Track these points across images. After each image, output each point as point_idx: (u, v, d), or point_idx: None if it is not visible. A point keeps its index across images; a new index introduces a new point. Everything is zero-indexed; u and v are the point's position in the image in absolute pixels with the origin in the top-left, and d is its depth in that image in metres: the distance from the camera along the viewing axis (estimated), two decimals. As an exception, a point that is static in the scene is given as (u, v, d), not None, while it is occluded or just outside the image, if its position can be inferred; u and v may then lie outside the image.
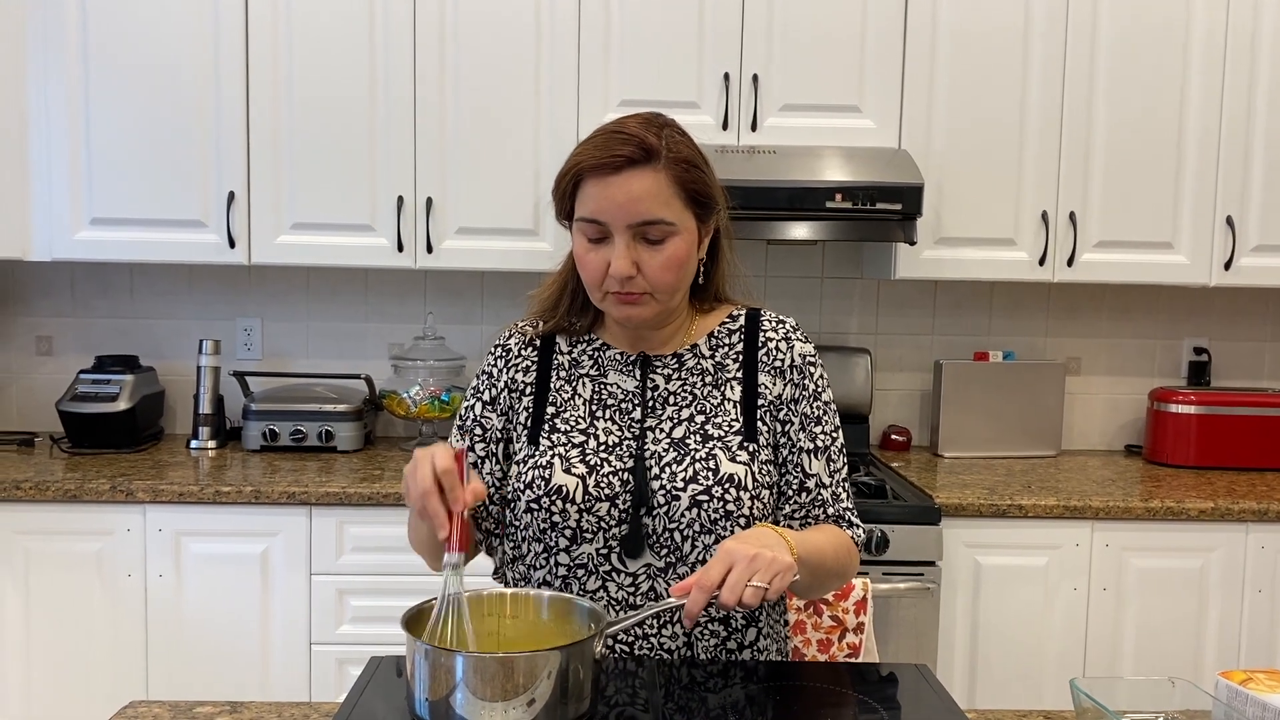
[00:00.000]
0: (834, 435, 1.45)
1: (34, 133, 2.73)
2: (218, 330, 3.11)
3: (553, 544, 1.39)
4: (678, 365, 1.45)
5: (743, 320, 1.48)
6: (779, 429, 1.43)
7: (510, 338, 1.51)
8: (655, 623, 1.38)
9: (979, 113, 2.78)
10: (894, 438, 3.14)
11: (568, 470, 1.37)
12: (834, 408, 1.47)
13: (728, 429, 1.40)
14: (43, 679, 2.52)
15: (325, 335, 3.15)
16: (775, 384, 1.44)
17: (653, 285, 1.35)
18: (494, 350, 1.51)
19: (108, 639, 2.52)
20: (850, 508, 1.46)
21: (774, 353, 1.45)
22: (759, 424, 1.42)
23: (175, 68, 2.72)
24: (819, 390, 1.45)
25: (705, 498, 1.35)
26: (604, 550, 1.37)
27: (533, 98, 2.75)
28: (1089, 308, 3.22)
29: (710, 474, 1.36)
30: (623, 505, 1.36)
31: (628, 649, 1.38)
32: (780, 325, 1.48)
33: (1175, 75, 2.80)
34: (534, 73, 2.74)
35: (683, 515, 1.35)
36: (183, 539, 2.51)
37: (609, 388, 1.44)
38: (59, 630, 2.52)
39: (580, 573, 1.38)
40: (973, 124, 2.79)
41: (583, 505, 1.36)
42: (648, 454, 1.39)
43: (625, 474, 1.37)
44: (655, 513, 1.36)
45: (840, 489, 1.45)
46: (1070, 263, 2.82)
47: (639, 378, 1.44)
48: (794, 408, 1.43)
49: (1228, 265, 2.84)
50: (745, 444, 1.39)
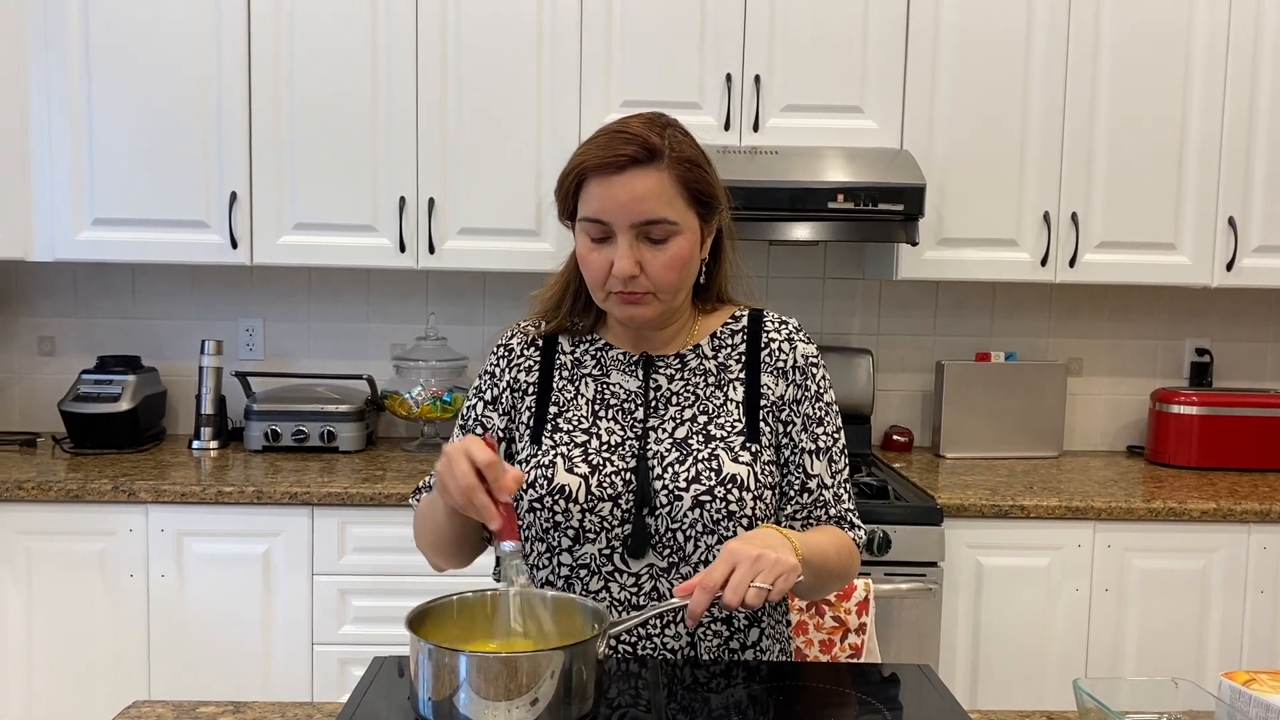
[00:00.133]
0: (836, 436, 1.45)
1: (36, 133, 2.73)
2: (220, 330, 3.11)
3: (555, 544, 1.39)
4: (680, 365, 1.45)
5: (745, 321, 1.48)
6: (781, 429, 1.43)
7: (513, 338, 1.51)
8: (658, 623, 1.38)
9: (981, 113, 2.78)
10: (896, 438, 3.14)
11: (570, 470, 1.37)
12: (836, 409, 1.47)
13: (730, 429, 1.40)
14: (45, 679, 2.53)
15: (327, 335, 3.16)
16: (778, 384, 1.44)
17: (656, 285, 1.35)
18: (496, 350, 1.51)
19: (110, 639, 2.52)
20: (852, 509, 1.46)
21: (777, 353, 1.45)
22: (761, 424, 1.42)
23: (177, 68, 2.72)
24: (821, 391, 1.45)
25: (708, 498, 1.35)
26: (606, 550, 1.37)
27: (534, 98, 2.75)
28: (1091, 308, 3.22)
29: (713, 474, 1.36)
30: (625, 505, 1.36)
31: (630, 649, 1.38)
32: (783, 326, 1.48)
33: (1177, 75, 2.80)
34: (536, 73, 2.74)
35: (685, 515, 1.35)
36: (185, 539, 2.51)
37: (611, 388, 1.44)
38: (61, 630, 2.52)
39: (583, 573, 1.38)
40: (975, 124, 2.79)
41: (585, 505, 1.36)
42: (650, 454, 1.38)
43: (628, 474, 1.37)
44: (658, 513, 1.36)
45: (842, 490, 1.45)
46: (1072, 263, 2.82)
47: (641, 378, 1.44)
48: (796, 408, 1.43)
49: (1230, 266, 2.84)
50: (748, 444, 1.39)
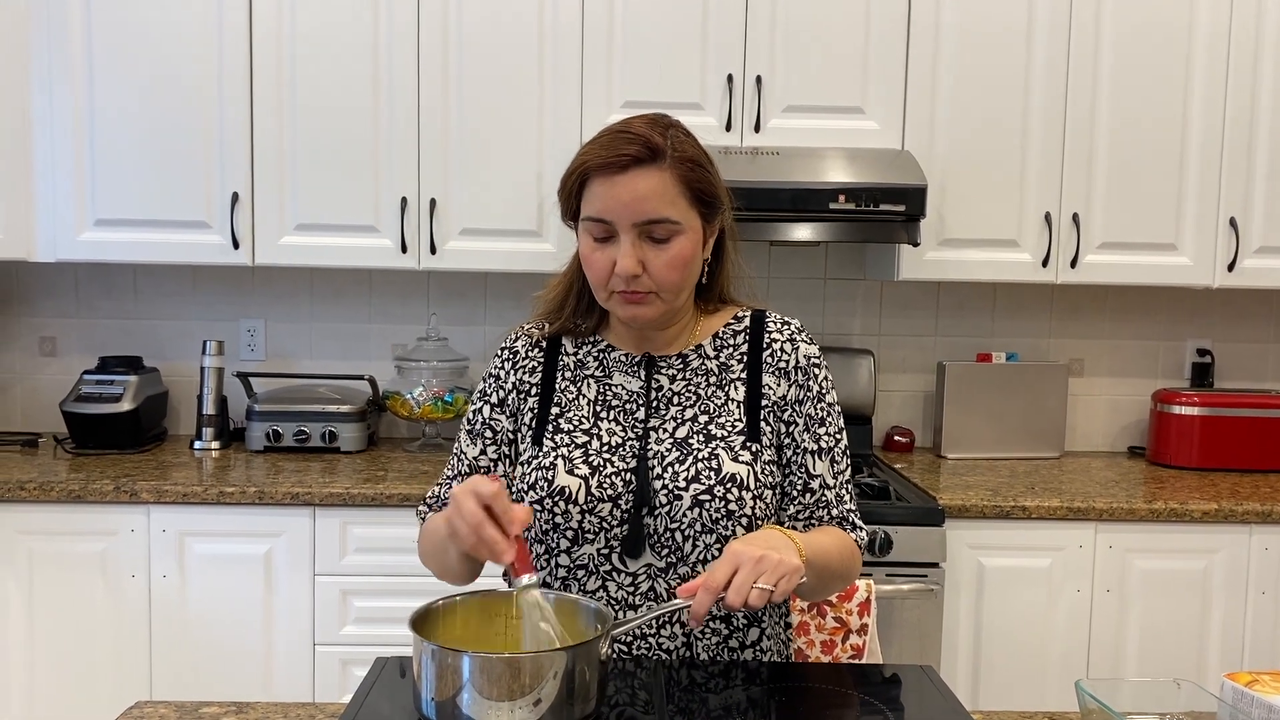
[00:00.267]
0: (838, 437, 1.45)
1: (38, 133, 2.73)
2: (221, 331, 3.11)
3: (554, 545, 1.39)
4: (682, 366, 1.45)
5: (748, 321, 1.48)
6: (783, 430, 1.43)
7: (516, 340, 1.51)
8: (655, 622, 1.38)
9: (982, 114, 2.78)
10: (897, 439, 3.14)
11: (570, 471, 1.37)
12: (838, 409, 1.47)
13: (730, 429, 1.40)
14: (47, 679, 2.53)
15: (329, 336, 3.16)
16: (780, 385, 1.44)
17: (658, 284, 1.35)
18: (500, 353, 1.51)
19: (111, 639, 2.52)
20: (853, 510, 1.46)
21: (779, 354, 1.45)
22: (762, 424, 1.42)
23: (179, 68, 2.72)
24: (823, 392, 1.45)
25: (707, 497, 1.35)
26: (604, 550, 1.37)
27: (536, 99, 2.75)
28: (1092, 309, 3.22)
29: (712, 474, 1.36)
30: (625, 506, 1.36)
31: (627, 648, 1.38)
32: (785, 326, 1.48)
33: (1178, 76, 2.80)
34: (537, 74, 2.74)
35: (684, 515, 1.35)
36: (186, 539, 2.51)
37: (614, 388, 1.45)
38: (63, 631, 2.52)
39: (580, 573, 1.38)
40: (976, 125, 2.79)
41: (585, 506, 1.36)
42: (650, 454, 1.39)
43: (628, 474, 1.37)
44: (657, 512, 1.36)
45: (844, 491, 1.45)
46: (1073, 264, 2.82)
47: (644, 378, 1.44)
48: (798, 409, 1.43)
49: (1231, 267, 2.84)
50: (748, 444, 1.39)
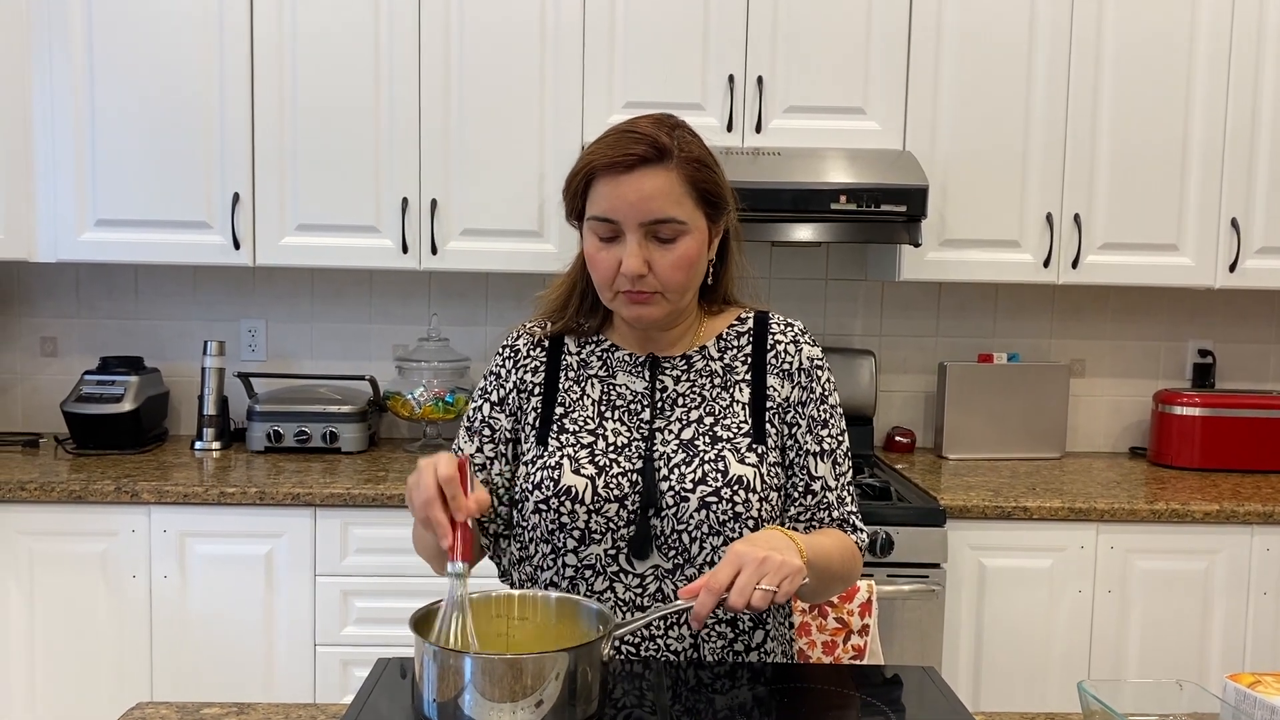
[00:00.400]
0: (840, 439, 1.45)
1: (39, 134, 2.73)
2: (222, 331, 3.11)
3: (560, 545, 1.39)
4: (687, 367, 1.45)
5: (751, 323, 1.48)
6: (786, 431, 1.43)
7: (518, 338, 1.50)
8: (662, 624, 1.38)
9: (983, 114, 2.78)
10: (898, 439, 3.14)
11: (577, 471, 1.37)
12: (840, 411, 1.47)
13: (736, 431, 1.40)
14: (47, 680, 2.53)
15: (329, 336, 3.16)
16: (783, 386, 1.44)
17: (664, 284, 1.35)
18: (501, 351, 1.51)
19: (112, 640, 2.52)
20: (855, 511, 1.46)
21: (782, 355, 1.45)
22: (767, 426, 1.41)
23: (180, 69, 2.72)
24: (826, 394, 1.45)
25: (714, 499, 1.35)
26: (612, 551, 1.37)
27: (537, 99, 2.75)
28: (1093, 310, 3.22)
29: (719, 475, 1.36)
30: (631, 506, 1.36)
31: (634, 650, 1.38)
32: (789, 328, 1.48)
33: (1180, 77, 2.80)
34: (538, 74, 2.74)
35: (691, 517, 1.35)
36: (187, 540, 2.51)
37: (618, 389, 1.44)
38: (64, 631, 2.52)
39: (588, 574, 1.38)
40: (977, 126, 2.79)
41: (591, 506, 1.36)
42: (656, 455, 1.38)
43: (634, 475, 1.37)
44: (664, 514, 1.36)
45: (845, 493, 1.45)
46: (1075, 265, 2.82)
47: (648, 379, 1.44)
48: (801, 410, 1.43)
49: (1232, 267, 2.84)
50: (754, 446, 1.39)
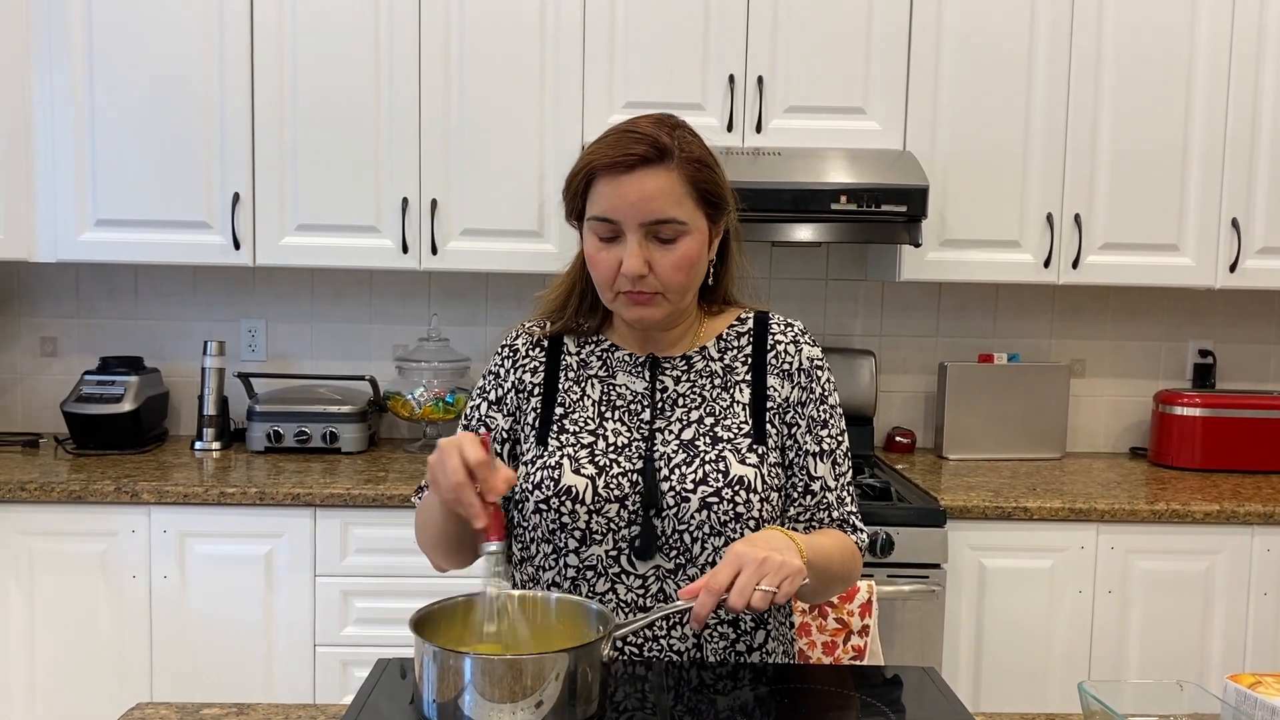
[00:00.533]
0: (840, 439, 1.45)
1: (39, 134, 2.73)
2: (222, 331, 3.11)
3: (562, 545, 1.38)
4: (687, 367, 1.45)
5: (751, 323, 1.48)
6: (786, 432, 1.43)
7: (518, 338, 1.50)
8: (664, 625, 1.37)
9: (984, 114, 2.78)
10: (898, 440, 3.14)
11: (577, 471, 1.37)
12: (840, 412, 1.47)
13: (737, 431, 1.40)
14: (47, 680, 2.52)
15: (329, 336, 3.15)
16: (783, 387, 1.44)
17: (664, 285, 1.35)
18: (500, 351, 1.51)
19: (112, 640, 2.52)
20: (855, 512, 1.46)
21: (782, 356, 1.45)
22: (768, 426, 1.41)
23: (180, 69, 2.72)
24: (826, 394, 1.45)
25: (715, 500, 1.35)
26: (613, 552, 1.37)
27: (537, 100, 2.75)
28: (1094, 310, 3.22)
29: (720, 476, 1.36)
30: (632, 507, 1.36)
31: (636, 650, 1.38)
32: (789, 328, 1.48)
33: (1180, 76, 2.79)
34: (539, 75, 2.74)
35: (692, 517, 1.35)
36: (187, 540, 2.51)
37: (618, 389, 1.44)
38: (64, 631, 2.52)
39: (589, 574, 1.38)
40: (978, 126, 2.78)
41: (592, 506, 1.36)
42: (657, 455, 1.38)
43: (634, 475, 1.37)
44: (665, 514, 1.36)
45: (845, 493, 1.45)
46: (1075, 265, 2.82)
47: (648, 379, 1.44)
48: (801, 410, 1.43)
49: (1233, 267, 2.84)
50: (754, 446, 1.39)
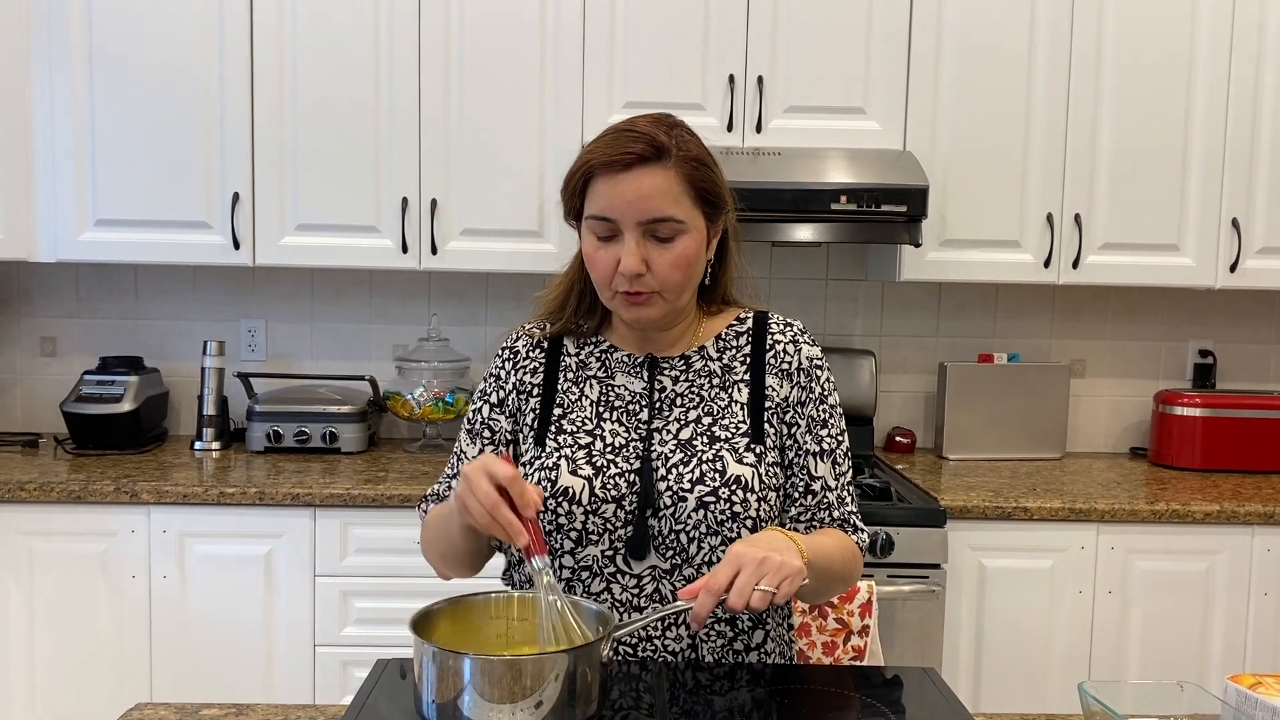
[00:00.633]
0: (840, 439, 1.45)
1: (39, 133, 2.73)
2: (222, 331, 3.11)
3: (558, 546, 1.38)
4: (685, 367, 1.45)
5: (750, 323, 1.48)
6: (785, 431, 1.43)
7: (518, 340, 1.50)
8: (660, 625, 1.37)
9: (984, 114, 2.78)
10: (898, 440, 3.14)
11: (574, 472, 1.37)
12: (840, 411, 1.47)
13: (735, 430, 1.40)
14: (47, 680, 2.52)
15: (329, 336, 3.15)
16: (782, 386, 1.44)
17: (661, 284, 1.35)
18: (501, 353, 1.50)
19: (112, 640, 2.52)
20: (855, 511, 1.46)
21: (781, 355, 1.45)
22: (766, 426, 1.41)
23: (180, 68, 2.72)
24: (825, 394, 1.45)
25: (712, 499, 1.35)
26: (609, 552, 1.37)
27: (537, 99, 2.75)
28: (1094, 310, 3.21)
29: (717, 475, 1.36)
30: (629, 507, 1.36)
31: (632, 650, 1.38)
32: (788, 328, 1.47)
33: (1181, 76, 2.79)
34: (539, 74, 2.74)
35: (689, 517, 1.35)
36: (187, 540, 2.51)
37: (616, 389, 1.44)
38: (63, 631, 2.52)
39: (585, 574, 1.38)
40: (978, 126, 2.78)
41: (589, 507, 1.36)
42: (654, 455, 1.38)
43: (631, 475, 1.37)
44: (661, 514, 1.36)
45: (845, 493, 1.45)
46: (1075, 265, 2.82)
47: (646, 379, 1.44)
48: (800, 410, 1.43)
49: (1233, 267, 2.83)
50: (752, 446, 1.39)
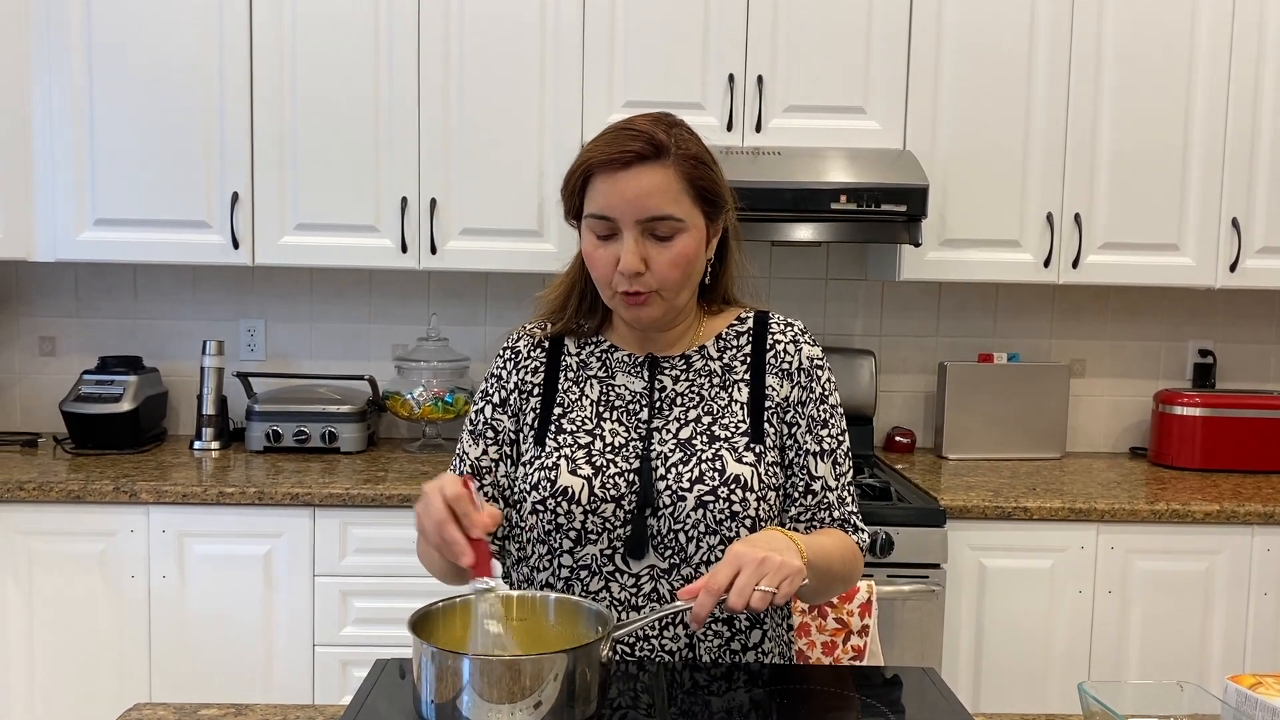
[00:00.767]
0: (840, 439, 1.45)
1: (38, 133, 2.72)
2: (221, 331, 3.11)
3: (557, 545, 1.38)
4: (686, 367, 1.45)
5: (751, 323, 1.48)
6: (785, 431, 1.43)
7: (519, 340, 1.50)
8: (658, 624, 1.37)
9: (984, 114, 2.78)
10: (898, 439, 3.14)
11: (574, 471, 1.37)
12: (840, 412, 1.47)
13: (734, 430, 1.40)
14: (46, 680, 2.52)
15: (329, 336, 3.15)
16: (783, 386, 1.43)
17: (660, 282, 1.34)
18: (502, 353, 1.50)
19: (111, 640, 2.51)
20: (855, 511, 1.45)
21: (782, 355, 1.45)
22: (766, 425, 1.41)
23: (179, 68, 2.72)
24: (826, 394, 1.45)
25: (711, 498, 1.35)
26: (608, 551, 1.37)
27: (537, 99, 2.75)
28: (1094, 309, 3.21)
29: (716, 474, 1.36)
30: (628, 506, 1.36)
31: (629, 650, 1.38)
32: (789, 328, 1.47)
33: (1181, 75, 2.79)
34: (538, 74, 2.74)
35: (688, 516, 1.35)
36: (186, 540, 2.51)
37: (617, 389, 1.44)
38: (62, 631, 2.51)
39: (583, 574, 1.38)
40: (978, 125, 2.78)
41: (588, 506, 1.36)
42: (654, 455, 1.38)
43: (631, 475, 1.37)
44: (660, 513, 1.36)
45: (845, 493, 1.45)
46: (1075, 264, 2.81)
47: (647, 379, 1.44)
48: (801, 410, 1.43)
49: (1233, 267, 2.83)
50: (751, 445, 1.39)
